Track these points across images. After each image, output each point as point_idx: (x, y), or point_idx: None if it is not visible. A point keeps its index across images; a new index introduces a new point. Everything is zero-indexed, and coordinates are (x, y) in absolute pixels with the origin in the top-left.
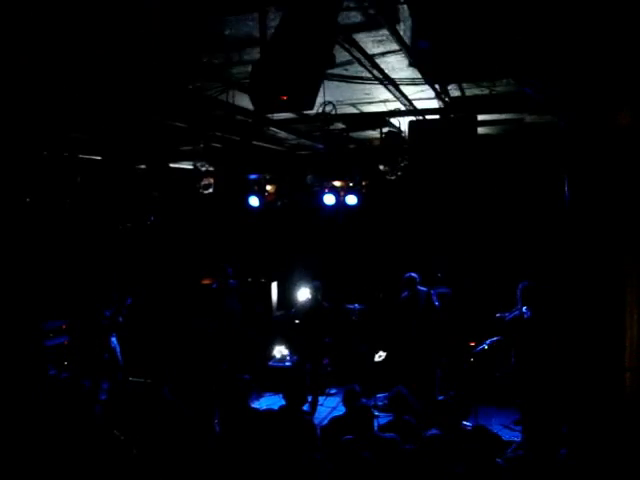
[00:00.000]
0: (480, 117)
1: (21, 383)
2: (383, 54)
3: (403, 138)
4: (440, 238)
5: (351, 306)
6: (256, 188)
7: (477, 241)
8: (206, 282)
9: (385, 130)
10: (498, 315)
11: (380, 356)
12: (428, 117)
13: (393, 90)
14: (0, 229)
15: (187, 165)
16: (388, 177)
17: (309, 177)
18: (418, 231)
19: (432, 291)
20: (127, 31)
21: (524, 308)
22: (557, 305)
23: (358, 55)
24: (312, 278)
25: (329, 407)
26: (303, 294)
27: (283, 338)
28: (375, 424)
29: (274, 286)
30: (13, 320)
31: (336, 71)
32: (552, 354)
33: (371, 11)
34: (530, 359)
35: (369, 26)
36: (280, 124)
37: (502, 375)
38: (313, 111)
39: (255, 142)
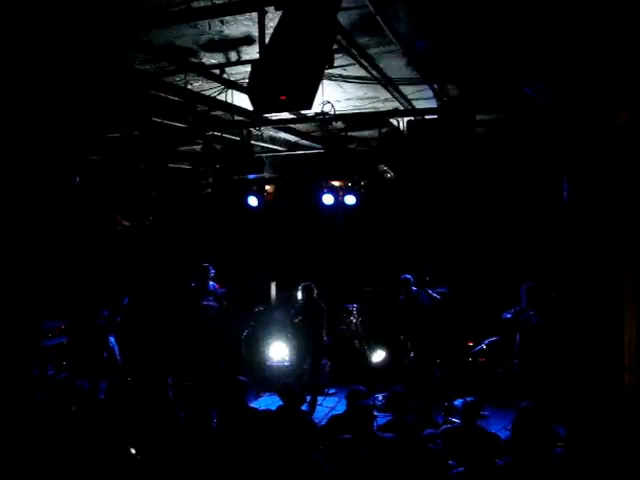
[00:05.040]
0: (479, 117)
1: (19, 383)
2: (382, 54)
3: (402, 138)
4: (438, 238)
5: (350, 306)
6: (255, 188)
7: (475, 241)
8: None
9: (384, 130)
10: (507, 315)
11: (379, 356)
12: (427, 117)
13: (392, 90)
14: None
15: (186, 165)
16: (387, 177)
17: (308, 177)
18: (417, 230)
19: (422, 292)
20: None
21: (530, 312)
22: (558, 306)
23: (356, 55)
24: (310, 278)
25: (328, 407)
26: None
27: (282, 338)
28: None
29: (273, 286)
30: (12, 320)
31: (335, 71)
32: (554, 354)
33: (370, 11)
34: (533, 359)
35: (368, 26)
36: (279, 124)
37: (503, 372)
38: (312, 111)
39: (254, 142)
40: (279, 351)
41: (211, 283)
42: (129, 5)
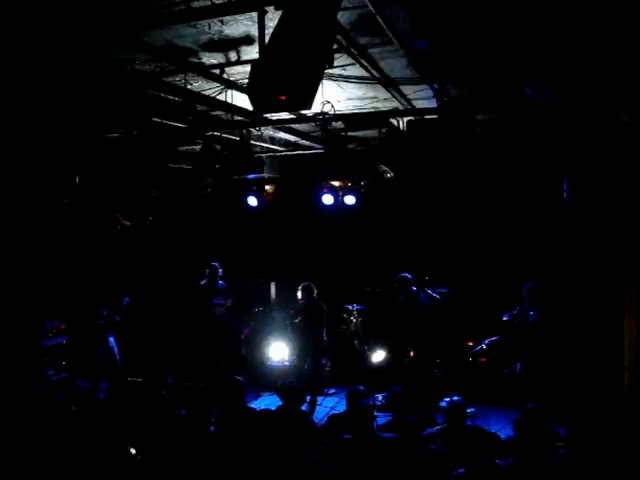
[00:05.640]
0: (478, 117)
1: (19, 383)
2: (382, 53)
3: (402, 138)
4: (438, 238)
5: (350, 306)
6: (255, 188)
7: (475, 241)
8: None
9: (384, 130)
10: (507, 317)
11: (379, 356)
12: (427, 117)
13: (392, 90)
14: None
15: (186, 165)
16: (387, 177)
17: (308, 177)
18: (416, 230)
19: (422, 292)
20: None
21: (530, 312)
22: (559, 306)
23: (356, 54)
24: (310, 278)
25: (328, 407)
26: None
27: (282, 338)
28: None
29: (273, 286)
30: (11, 320)
31: (335, 71)
32: (555, 354)
33: (370, 10)
34: (534, 359)
35: (367, 26)
36: (278, 124)
37: (509, 372)
38: (312, 111)
39: (254, 142)
40: (279, 351)
41: (220, 282)
42: (128, 5)
